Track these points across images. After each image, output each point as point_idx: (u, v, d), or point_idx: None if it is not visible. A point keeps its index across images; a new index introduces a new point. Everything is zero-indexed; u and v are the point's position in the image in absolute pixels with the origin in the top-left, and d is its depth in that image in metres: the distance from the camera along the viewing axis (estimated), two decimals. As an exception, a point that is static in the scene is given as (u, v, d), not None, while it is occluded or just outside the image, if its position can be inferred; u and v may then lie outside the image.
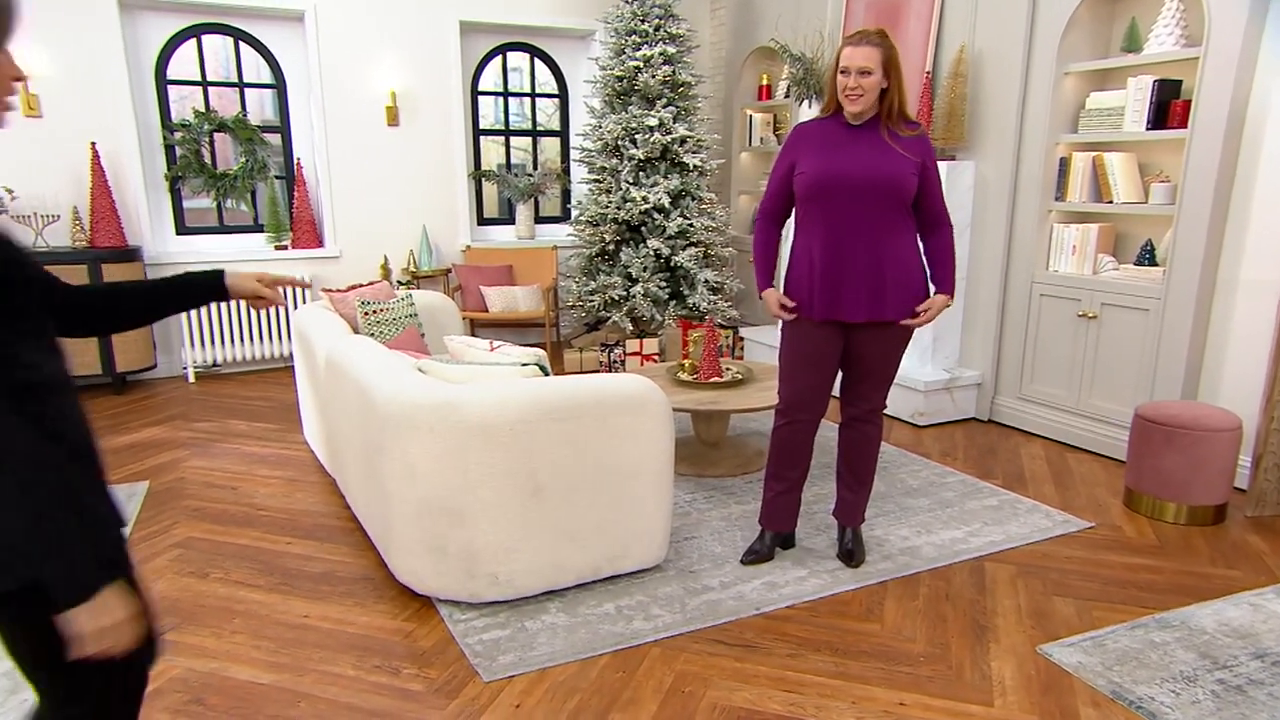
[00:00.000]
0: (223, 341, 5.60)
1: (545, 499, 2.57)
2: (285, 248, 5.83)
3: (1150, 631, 2.52)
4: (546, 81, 6.67)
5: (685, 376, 3.90)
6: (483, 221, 6.63)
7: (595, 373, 2.96)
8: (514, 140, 6.66)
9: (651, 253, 5.60)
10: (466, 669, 2.34)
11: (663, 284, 5.66)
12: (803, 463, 2.90)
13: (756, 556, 2.96)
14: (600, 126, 5.72)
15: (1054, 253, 4.33)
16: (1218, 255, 3.63)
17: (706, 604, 2.68)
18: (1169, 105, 3.80)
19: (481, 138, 6.52)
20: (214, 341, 5.57)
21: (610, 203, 5.62)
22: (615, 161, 5.69)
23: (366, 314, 3.75)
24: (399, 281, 6.08)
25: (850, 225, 2.62)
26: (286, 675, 2.33)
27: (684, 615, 2.61)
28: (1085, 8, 4.04)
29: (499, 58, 6.45)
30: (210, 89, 5.62)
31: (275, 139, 5.85)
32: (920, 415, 4.60)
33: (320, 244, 5.92)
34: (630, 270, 5.63)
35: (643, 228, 5.68)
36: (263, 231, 5.88)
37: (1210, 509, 3.31)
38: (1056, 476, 3.85)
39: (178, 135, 5.48)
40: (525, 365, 2.76)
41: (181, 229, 5.68)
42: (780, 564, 2.96)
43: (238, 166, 5.68)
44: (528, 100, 6.65)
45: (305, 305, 4.12)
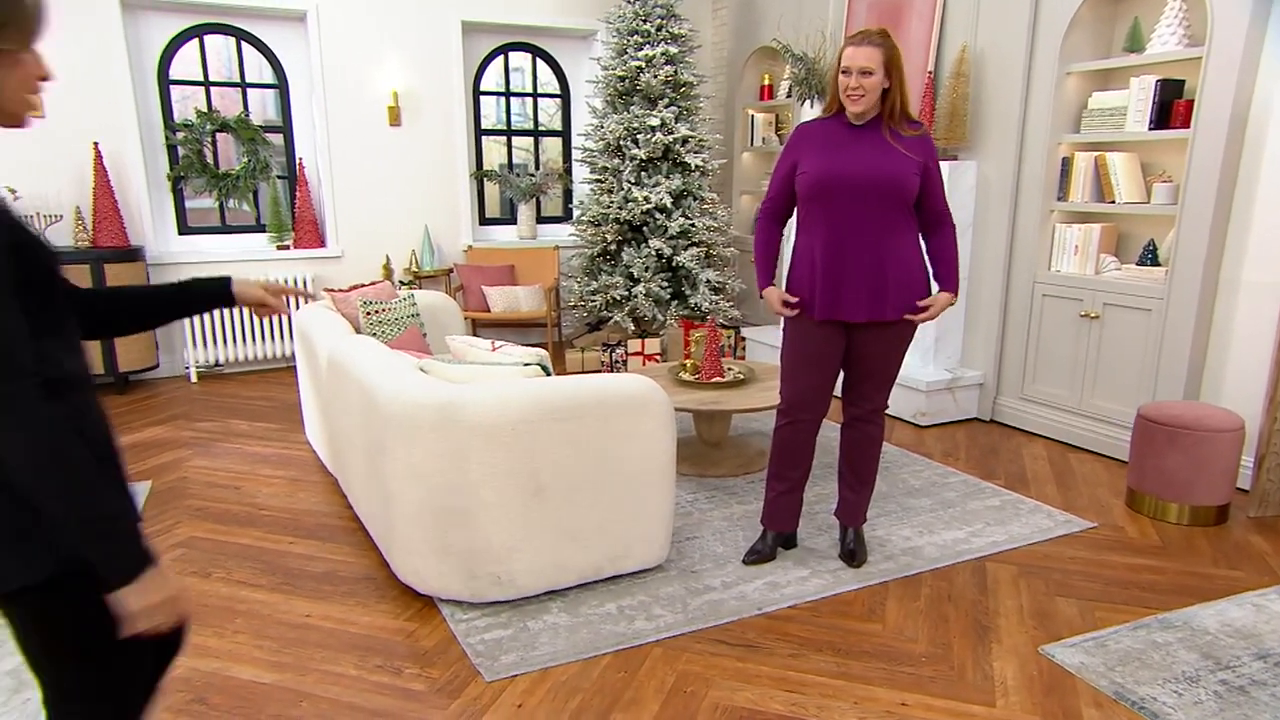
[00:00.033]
0: (225, 341, 5.60)
1: (547, 499, 2.57)
2: (287, 248, 5.84)
3: (1153, 632, 2.52)
4: (548, 81, 6.68)
5: (687, 376, 3.90)
6: (485, 221, 6.63)
7: (597, 373, 2.96)
8: (516, 140, 6.67)
9: (653, 253, 5.60)
10: (468, 669, 2.34)
11: (664, 284, 5.66)
12: (804, 463, 2.90)
13: (758, 556, 2.96)
14: (602, 126, 5.72)
15: (1056, 253, 4.33)
16: (1220, 255, 3.63)
17: (708, 604, 2.68)
18: (1171, 105, 3.79)
19: (483, 138, 6.53)
20: (216, 341, 5.57)
21: (612, 203, 5.62)
22: (617, 161, 5.69)
23: (368, 314, 3.75)
24: (401, 281, 6.08)
25: (852, 225, 2.62)
26: (289, 675, 2.33)
27: (686, 615, 2.61)
28: (1087, 7, 4.03)
29: (501, 58, 6.46)
30: (212, 89, 5.62)
31: (277, 139, 5.86)
32: (922, 415, 4.60)
33: (322, 244, 5.93)
34: (632, 270, 5.63)
35: (644, 228, 5.68)
36: (265, 231, 5.89)
37: (1213, 509, 3.30)
38: (1059, 477, 3.85)
39: (180, 135, 5.48)
40: (527, 365, 2.76)
41: (184, 229, 5.69)
42: (782, 564, 2.96)
43: (240, 166, 5.68)
44: (530, 100, 6.66)
45: (307, 305, 4.12)
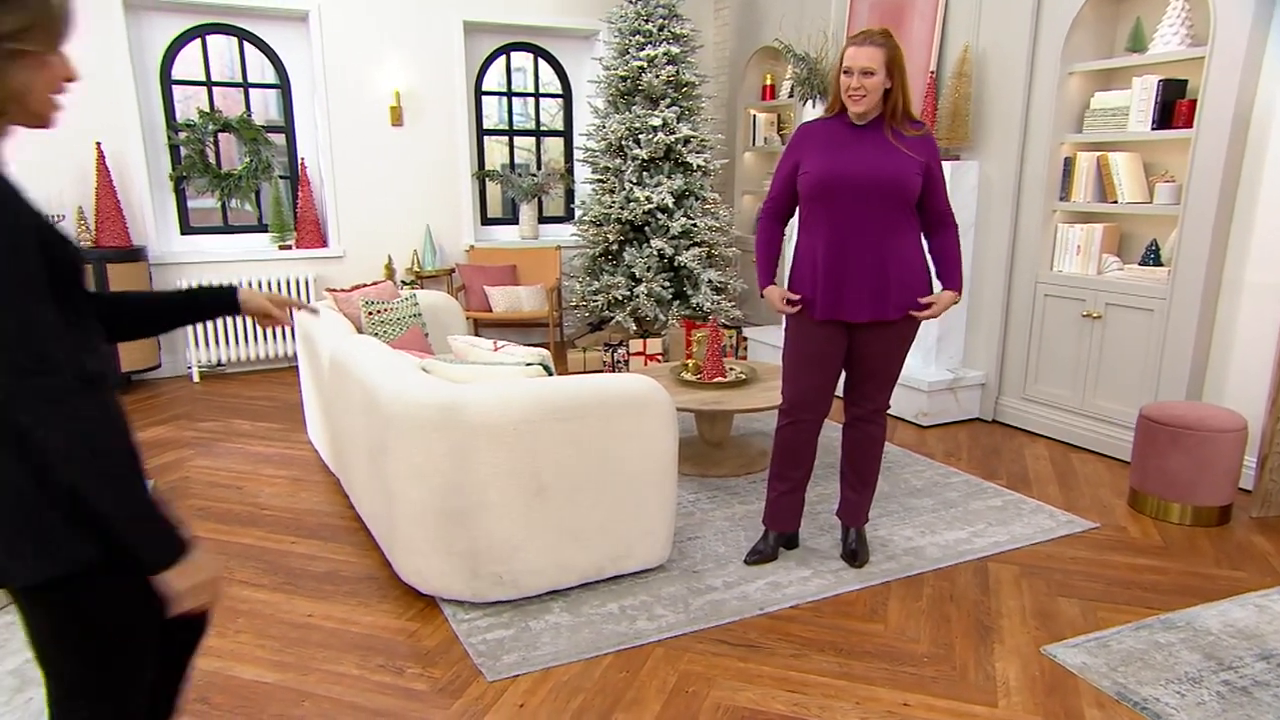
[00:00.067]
0: (227, 341, 5.61)
1: (549, 499, 2.57)
2: (289, 247, 5.84)
3: (1155, 632, 2.52)
4: (550, 81, 6.68)
5: (689, 376, 3.90)
6: (486, 221, 6.63)
7: (599, 373, 2.96)
8: (518, 140, 6.67)
9: (655, 253, 5.60)
10: (470, 669, 2.34)
11: (666, 284, 5.66)
12: (806, 463, 2.90)
13: (760, 556, 2.96)
14: (604, 126, 5.72)
15: (1058, 253, 4.32)
16: (1223, 255, 3.62)
17: (710, 604, 2.68)
18: (1174, 105, 3.79)
19: (485, 138, 6.53)
20: (218, 341, 5.58)
21: (614, 203, 5.62)
22: (619, 161, 5.69)
23: (370, 314, 3.76)
24: (403, 281, 6.09)
25: (854, 225, 2.62)
26: (291, 674, 2.33)
27: (687, 615, 2.61)
28: (1090, 7, 4.03)
29: (503, 58, 6.46)
30: (215, 89, 5.63)
31: (279, 139, 5.86)
32: (924, 415, 4.60)
33: (324, 244, 5.93)
34: (634, 270, 5.63)
35: (646, 228, 5.68)
36: (267, 231, 5.89)
37: (1215, 510, 3.30)
38: (1061, 477, 3.84)
39: (182, 135, 5.49)
40: (529, 365, 2.76)
41: (186, 229, 5.69)
42: (784, 564, 2.95)
43: (242, 166, 5.69)
44: (531, 100, 6.66)
45: (311, 315, 4.12)
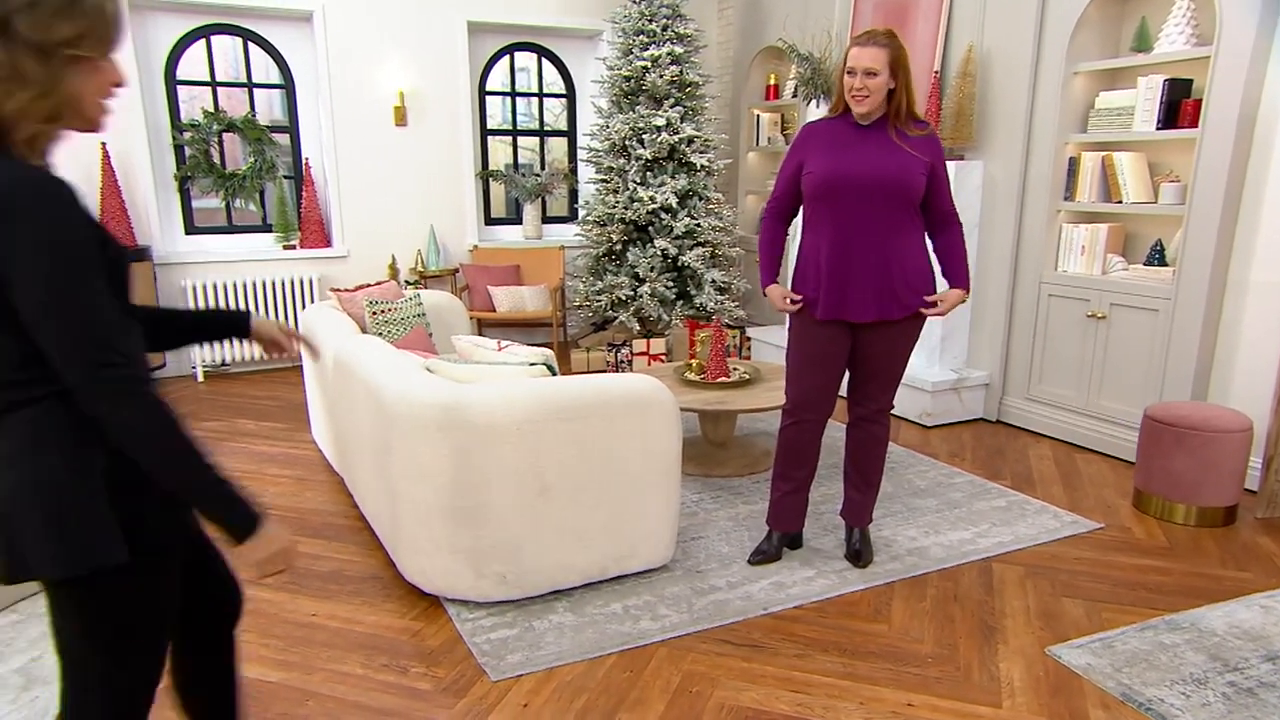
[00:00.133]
0: (231, 341, 5.60)
1: (552, 498, 2.57)
2: (293, 247, 5.85)
3: (1160, 633, 2.51)
4: (554, 81, 6.68)
5: (692, 376, 3.90)
6: (490, 221, 6.64)
7: (602, 372, 2.96)
8: (521, 140, 6.67)
9: (659, 252, 5.60)
10: (474, 668, 2.35)
11: (670, 284, 5.66)
12: (810, 463, 2.90)
13: (764, 557, 2.95)
14: (608, 126, 5.72)
15: (1063, 253, 4.31)
16: (1228, 256, 3.61)
17: (714, 604, 2.68)
18: (1179, 105, 3.78)
19: (489, 137, 6.53)
20: (222, 341, 5.57)
21: (617, 203, 5.62)
22: (622, 161, 5.69)
23: (374, 313, 3.76)
24: (406, 281, 6.09)
25: (858, 225, 2.61)
26: (295, 674, 2.34)
27: (691, 615, 2.61)
28: (1095, 7, 4.02)
29: (506, 58, 6.46)
30: (219, 89, 5.64)
31: (284, 139, 5.87)
32: (928, 416, 4.59)
33: (328, 243, 5.94)
34: (637, 270, 5.63)
35: (650, 228, 5.68)
36: (271, 231, 5.90)
37: (1220, 510, 3.29)
38: (1065, 477, 3.83)
39: (187, 135, 5.50)
40: (533, 365, 2.76)
41: (190, 229, 5.70)
42: (788, 564, 2.95)
43: (246, 166, 5.70)
44: (535, 100, 6.66)
45: (313, 305, 4.14)
